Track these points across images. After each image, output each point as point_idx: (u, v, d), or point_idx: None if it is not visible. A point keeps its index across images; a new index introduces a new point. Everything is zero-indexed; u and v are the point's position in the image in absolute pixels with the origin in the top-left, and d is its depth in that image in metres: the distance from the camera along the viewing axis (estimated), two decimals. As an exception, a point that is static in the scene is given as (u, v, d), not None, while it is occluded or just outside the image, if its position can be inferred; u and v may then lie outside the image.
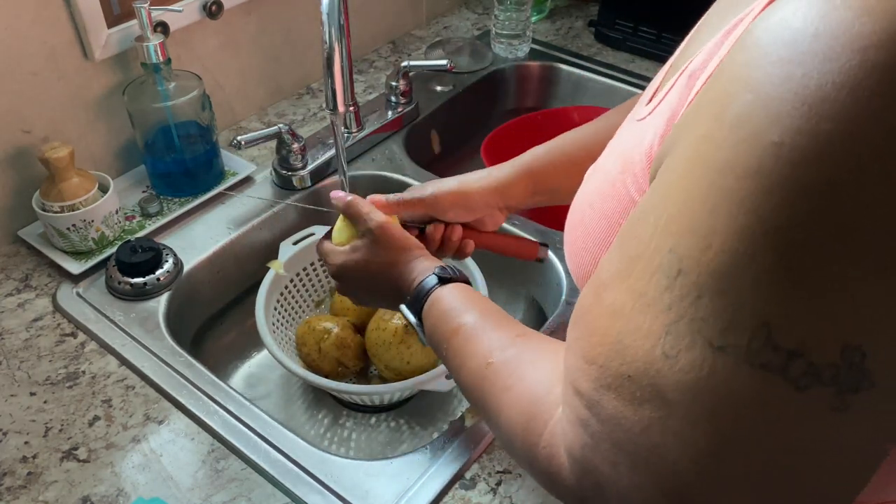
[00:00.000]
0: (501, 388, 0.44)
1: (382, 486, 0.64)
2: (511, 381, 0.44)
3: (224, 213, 0.93)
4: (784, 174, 0.26)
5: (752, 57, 0.28)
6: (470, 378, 0.48)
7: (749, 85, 0.28)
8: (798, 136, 0.25)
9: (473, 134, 1.18)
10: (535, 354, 0.45)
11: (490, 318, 0.52)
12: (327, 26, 0.70)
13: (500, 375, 0.45)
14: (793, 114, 0.26)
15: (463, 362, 0.49)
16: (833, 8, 0.26)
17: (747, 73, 0.28)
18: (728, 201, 0.27)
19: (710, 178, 0.28)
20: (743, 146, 0.27)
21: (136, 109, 0.88)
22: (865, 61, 0.24)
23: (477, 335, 0.50)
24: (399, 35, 1.33)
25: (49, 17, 0.81)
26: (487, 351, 0.47)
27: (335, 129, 0.80)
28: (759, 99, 0.27)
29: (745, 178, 0.27)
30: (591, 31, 1.33)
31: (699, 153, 0.29)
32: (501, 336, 0.48)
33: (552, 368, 0.42)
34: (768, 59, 0.27)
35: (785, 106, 0.26)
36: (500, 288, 0.96)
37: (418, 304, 0.57)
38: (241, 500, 0.62)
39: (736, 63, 0.29)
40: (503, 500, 0.63)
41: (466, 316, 0.52)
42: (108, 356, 0.75)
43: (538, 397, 0.40)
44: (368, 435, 0.84)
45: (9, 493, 0.63)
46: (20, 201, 0.86)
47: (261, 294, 0.81)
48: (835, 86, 0.25)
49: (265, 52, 1.08)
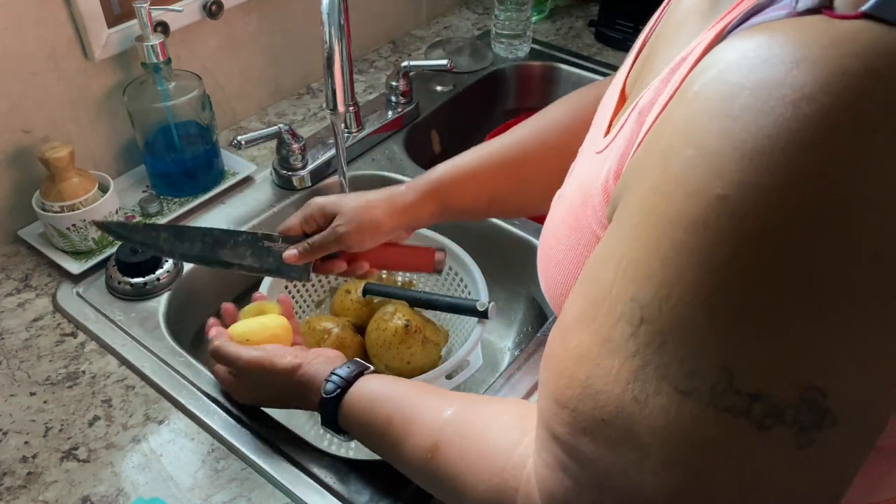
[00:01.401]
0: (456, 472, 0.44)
1: (382, 485, 0.64)
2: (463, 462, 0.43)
3: (224, 213, 0.93)
4: (730, 227, 0.27)
5: (692, 112, 0.29)
6: (420, 472, 0.48)
7: (690, 140, 0.28)
8: (740, 189, 0.26)
9: (473, 134, 1.18)
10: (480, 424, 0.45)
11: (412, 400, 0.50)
12: (327, 26, 0.70)
13: (450, 460, 0.44)
14: (734, 167, 0.26)
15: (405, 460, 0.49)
16: (763, 62, 0.26)
17: (688, 128, 0.29)
18: (679, 254, 0.28)
19: (661, 230, 0.29)
20: (689, 200, 0.28)
21: (136, 109, 0.88)
22: (798, 114, 0.25)
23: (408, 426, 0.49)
24: (399, 35, 1.33)
25: (49, 17, 0.81)
26: (427, 438, 0.47)
27: (335, 128, 0.80)
28: (701, 154, 0.28)
29: (694, 231, 0.28)
30: (592, 31, 1.33)
31: (650, 204, 0.30)
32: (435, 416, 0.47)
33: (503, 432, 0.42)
34: (707, 114, 0.28)
35: (726, 160, 0.27)
36: (500, 288, 0.96)
37: (333, 426, 0.56)
38: (241, 500, 0.62)
39: (678, 117, 0.30)
40: (503, 500, 0.63)
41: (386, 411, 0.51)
42: (108, 356, 0.75)
43: (500, 467, 0.40)
44: (368, 435, 0.84)
45: (9, 493, 0.63)
46: (20, 201, 0.86)
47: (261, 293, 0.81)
48: (771, 139, 0.26)
49: (265, 52, 1.08)
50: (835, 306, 0.26)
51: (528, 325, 0.97)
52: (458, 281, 0.87)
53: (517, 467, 0.40)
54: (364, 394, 0.54)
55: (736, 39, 0.28)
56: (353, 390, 0.55)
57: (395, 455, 0.50)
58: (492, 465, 0.41)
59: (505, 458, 0.41)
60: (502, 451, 0.41)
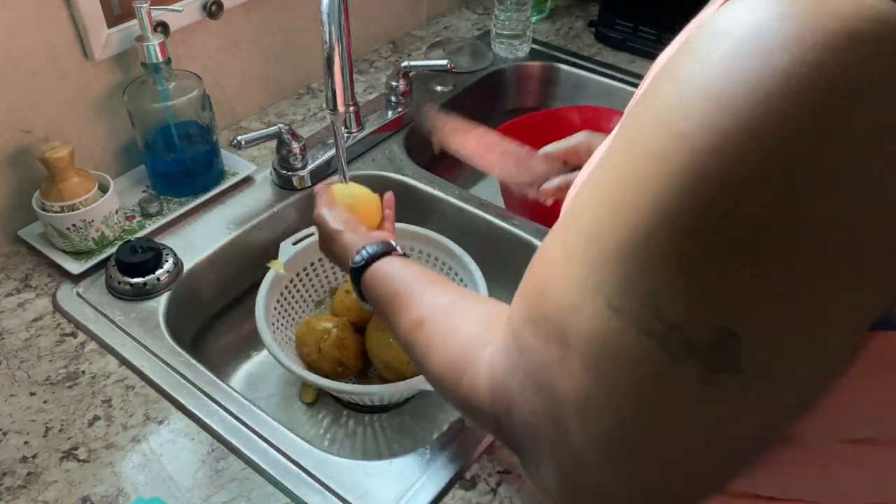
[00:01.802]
0: (431, 342, 0.50)
1: (382, 486, 0.64)
2: (438, 336, 0.49)
3: (224, 213, 0.93)
4: (684, 162, 0.28)
5: (681, 53, 0.30)
6: (404, 339, 0.54)
7: (673, 78, 0.30)
8: (701, 128, 0.27)
9: (473, 134, 1.17)
10: (463, 311, 0.50)
11: (419, 283, 0.57)
12: (327, 26, 0.70)
13: (430, 333, 0.50)
14: (701, 106, 0.27)
15: (397, 327, 0.55)
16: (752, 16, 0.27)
17: (676, 66, 0.30)
18: (636, 180, 0.30)
19: (628, 157, 0.31)
20: (656, 132, 0.29)
21: (136, 109, 0.88)
22: (769, 63, 0.26)
23: (407, 303, 0.55)
24: (399, 35, 1.33)
25: (49, 17, 0.81)
26: (418, 313, 0.53)
27: (335, 129, 0.80)
28: (677, 92, 0.29)
29: (652, 161, 0.29)
30: (592, 32, 1.33)
31: (625, 132, 0.32)
32: (431, 298, 0.54)
33: (479, 321, 0.47)
34: (691, 57, 0.29)
35: (696, 100, 0.28)
36: (500, 288, 0.96)
37: (356, 280, 0.63)
38: (241, 500, 0.62)
39: (669, 62, 0.31)
40: (503, 500, 0.63)
41: (396, 286, 0.58)
42: (108, 356, 0.75)
43: (464, 344, 0.46)
44: (368, 435, 0.84)
45: (9, 493, 0.63)
46: (20, 201, 0.86)
47: (261, 294, 0.81)
48: (739, 85, 0.26)
49: (265, 52, 1.08)
50: (768, 261, 0.27)
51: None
52: (457, 281, 0.87)
53: (477, 346, 0.44)
54: (383, 271, 0.61)
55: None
56: (376, 265, 0.62)
57: (392, 324, 0.57)
58: (457, 344, 0.47)
59: (470, 340, 0.46)
60: (471, 334, 0.46)
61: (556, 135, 1.12)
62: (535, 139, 1.12)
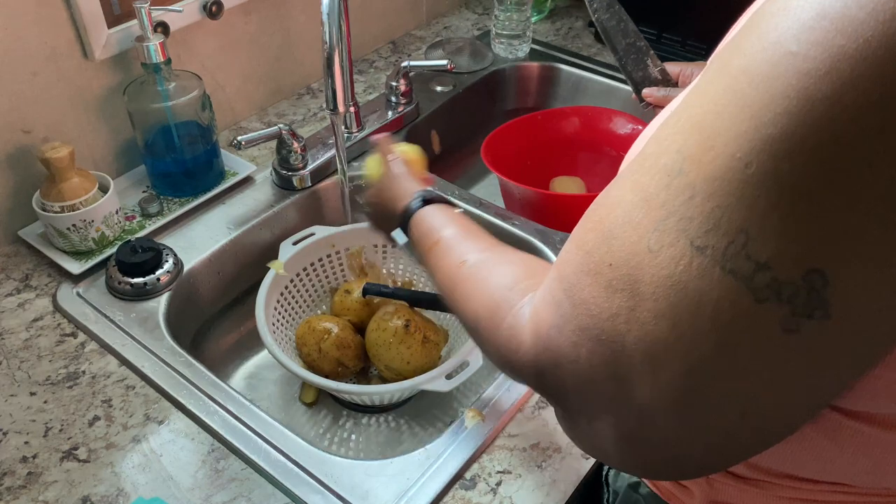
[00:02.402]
0: (471, 281, 0.49)
1: (382, 486, 0.64)
2: (480, 275, 0.48)
3: (224, 213, 0.93)
4: (791, 83, 0.26)
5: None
6: (445, 278, 0.53)
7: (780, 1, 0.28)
8: (812, 47, 0.25)
9: (473, 134, 1.18)
10: (505, 258, 0.50)
11: (468, 230, 0.56)
12: (327, 26, 0.70)
13: (471, 273, 0.50)
14: (813, 26, 0.26)
15: (439, 267, 0.54)
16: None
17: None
18: (735, 105, 0.28)
19: (725, 82, 0.29)
20: (762, 53, 0.27)
21: (136, 109, 0.88)
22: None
23: (454, 244, 0.55)
24: (399, 35, 1.33)
25: (49, 17, 0.81)
26: (462, 254, 0.52)
27: (335, 129, 0.80)
28: (786, 11, 0.27)
29: (756, 83, 0.27)
30: (591, 31, 1.33)
31: (724, 59, 0.30)
32: (476, 244, 0.53)
33: (521, 268, 0.46)
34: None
35: (807, 16, 0.26)
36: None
37: (405, 223, 0.63)
38: (241, 500, 0.63)
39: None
40: (503, 500, 0.63)
41: (446, 230, 0.57)
42: (108, 356, 0.75)
43: (505, 286, 0.44)
44: (368, 435, 0.84)
45: (9, 493, 0.63)
46: (20, 201, 0.86)
47: (261, 294, 0.81)
48: (857, 3, 0.25)
49: (265, 52, 1.08)
50: (871, 196, 0.25)
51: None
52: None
53: (518, 292, 0.42)
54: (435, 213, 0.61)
55: None
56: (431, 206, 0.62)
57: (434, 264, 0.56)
58: (500, 284, 0.45)
59: (512, 283, 0.44)
60: (512, 278, 0.45)
61: (556, 135, 1.12)
62: (535, 139, 1.12)
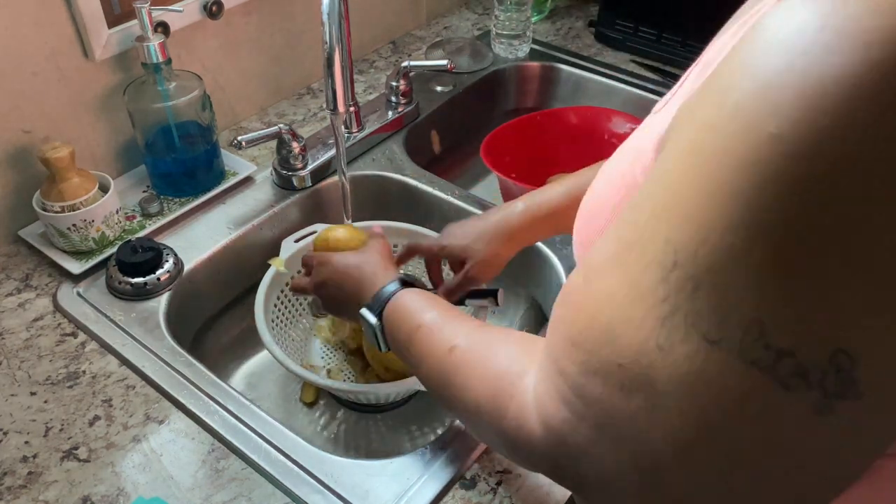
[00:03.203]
0: (466, 369, 0.46)
1: (382, 486, 0.64)
2: (474, 362, 0.45)
3: (224, 213, 0.93)
4: (780, 167, 0.25)
5: (757, 46, 0.28)
6: (434, 366, 0.49)
7: (750, 73, 0.27)
8: (796, 128, 0.25)
9: (473, 134, 1.18)
10: (497, 339, 0.46)
11: (451, 314, 0.53)
12: (327, 26, 0.70)
13: (463, 359, 0.46)
14: (793, 105, 0.25)
15: (425, 354, 0.51)
16: (842, 4, 0.25)
17: (751, 61, 0.27)
18: (723, 193, 0.27)
19: (706, 168, 0.28)
20: (740, 136, 0.27)
21: (136, 109, 0.88)
22: (868, 58, 0.24)
23: (439, 328, 0.51)
24: (399, 35, 1.33)
25: (49, 17, 0.81)
26: (450, 339, 0.49)
27: (335, 129, 0.80)
28: (759, 88, 0.26)
29: (741, 169, 0.26)
30: (592, 32, 1.33)
31: (698, 140, 0.29)
32: (463, 326, 0.50)
33: (516, 350, 0.43)
34: (772, 48, 0.27)
35: (785, 96, 0.25)
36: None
37: (379, 306, 0.59)
38: (241, 499, 0.63)
39: (742, 51, 0.29)
40: (503, 500, 0.63)
41: (428, 314, 0.54)
42: (109, 356, 0.75)
43: (503, 372, 0.42)
44: (368, 435, 0.84)
45: (9, 492, 0.63)
46: (20, 201, 0.86)
47: (260, 292, 0.81)
48: (835, 80, 0.24)
49: (265, 52, 1.08)
50: (883, 270, 0.25)
51: (528, 325, 0.97)
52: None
53: (519, 375, 0.40)
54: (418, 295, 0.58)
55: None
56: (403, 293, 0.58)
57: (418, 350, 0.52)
58: (497, 369, 0.43)
59: (507, 366, 0.42)
60: (510, 360, 0.43)
61: (556, 135, 1.12)
62: (535, 139, 1.12)
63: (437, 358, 0.49)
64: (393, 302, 0.58)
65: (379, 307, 0.58)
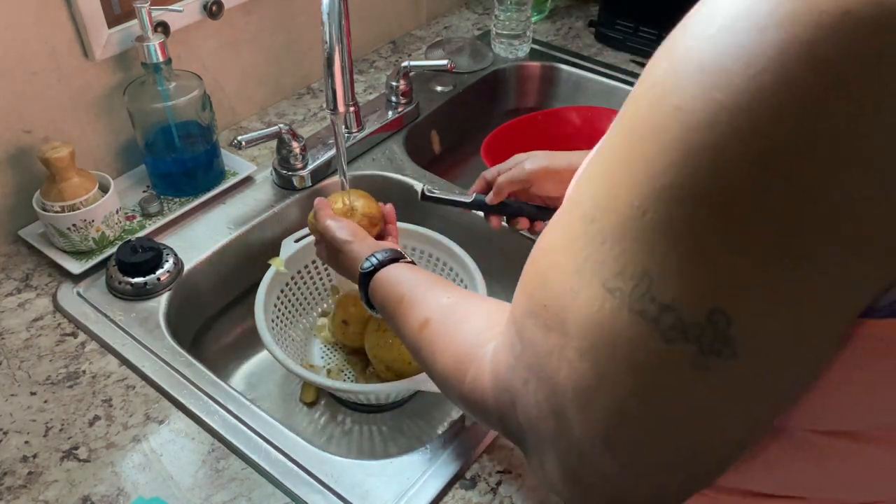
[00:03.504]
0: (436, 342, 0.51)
1: (382, 486, 0.64)
2: (443, 335, 0.50)
3: (224, 213, 0.93)
4: (677, 136, 0.27)
5: (678, 31, 0.30)
6: (411, 341, 0.55)
7: (668, 54, 0.30)
8: (693, 101, 0.27)
9: (473, 134, 1.18)
10: (467, 311, 0.51)
11: (423, 287, 0.58)
12: (327, 26, 0.70)
13: (434, 333, 0.51)
14: (692, 80, 0.27)
15: (404, 330, 0.56)
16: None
17: (671, 44, 0.30)
18: (632, 157, 0.30)
19: (625, 135, 0.31)
20: (651, 108, 0.29)
21: (136, 109, 0.88)
22: (763, 39, 0.26)
23: (414, 302, 0.56)
24: (399, 35, 1.33)
25: (49, 17, 0.81)
26: (423, 314, 0.54)
27: (335, 129, 0.80)
28: (672, 66, 0.29)
29: (647, 137, 0.29)
30: (592, 32, 1.33)
31: (625, 112, 0.32)
32: (435, 300, 0.55)
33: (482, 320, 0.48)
34: (687, 31, 0.29)
35: (688, 73, 0.28)
36: (500, 288, 0.96)
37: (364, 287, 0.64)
38: (241, 499, 0.63)
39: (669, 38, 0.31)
40: (503, 500, 0.63)
41: (403, 287, 0.59)
42: (109, 356, 0.75)
43: (467, 343, 0.46)
44: (368, 435, 0.84)
45: (9, 492, 0.63)
46: (20, 201, 0.86)
47: (260, 292, 0.81)
48: (730, 57, 0.26)
49: (265, 52, 1.08)
50: (758, 238, 0.26)
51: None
52: (457, 281, 0.87)
53: (480, 345, 0.44)
54: (390, 276, 0.62)
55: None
56: (384, 271, 0.63)
57: (399, 326, 0.58)
58: (463, 341, 0.47)
59: (474, 338, 0.46)
60: (474, 332, 0.47)
61: (556, 135, 1.12)
62: (535, 139, 1.12)
63: (413, 333, 0.54)
64: (373, 282, 0.63)
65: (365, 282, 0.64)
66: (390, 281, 0.61)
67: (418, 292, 0.57)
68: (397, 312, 0.58)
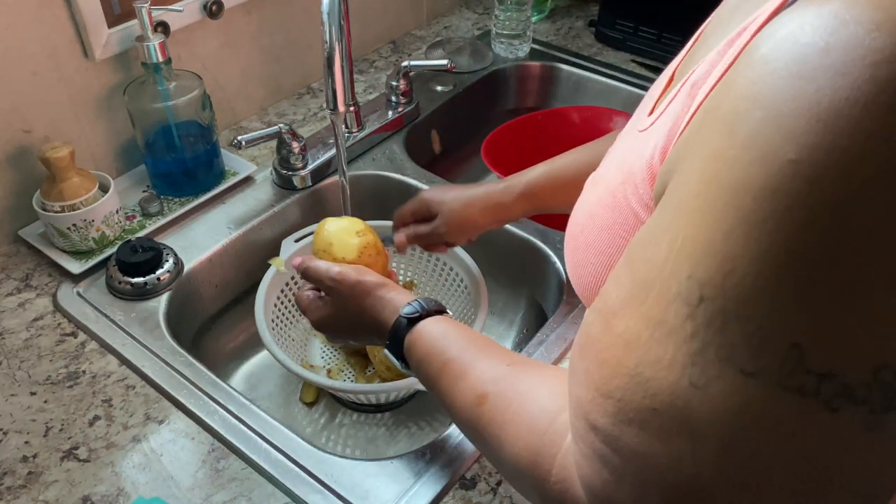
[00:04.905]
0: (500, 423, 0.43)
1: (382, 486, 0.64)
2: (508, 415, 0.43)
3: (224, 213, 0.93)
4: (803, 192, 0.25)
5: (761, 73, 0.28)
6: (465, 416, 0.47)
7: (759, 102, 0.27)
8: (814, 153, 0.25)
9: (473, 134, 1.18)
10: (530, 383, 0.44)
11: (475, 349, 0.50)
12: (328, 26, 0.70)
13: (496, 410, 0.44)
14: (807, 130, 0.25)
15: (454, 401, 0.48)
16: (842, 23, 0.26)
17: (757, 90, 0.28)
18: (747, 223, 0.27)
19: (725, 199, 0.28)
20: (757, 165, 0.27)
21: (136, 109, 0.88)
22: (877, 77, 0.24)
23: (464, 370, 0.49)
24: (399, 35, 1.33)
25: (49, 17, 0.81)
26: (479, 386, 0.46)
27: (336, 128, 0.80)
28: (771, 116, 0.27)
29: (763, 198, 0.26)
30: (592, 31, 1.33)
31: (711, 172, 0.29)
32: (491, 368, 0.47)
33: (551, 396, 0.41)
34: (778, 75, 0.27)
35: (799, 123, 0.26)
36: (500, 288, 0.96)
37: (398, 348, 0.56)
38: (241, 499, 0.63)
39: (744, 79, 0.29)
40: (503, 500, 0.63)
41: (449, 352, 0.51)
42: (109, 356, 0.75)
43: (542, 429, 0.40)
44: (368, 435, 0.84)
45: (9, 492, 0.63)
46: (21, 201, 0.86)
47: (260, 291, 0.81)
48: (848, 102, 0.25)
49: (265, 52, 1.08)
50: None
51: (528, 324, 0.97)
52: (458, 281, 0.87)
53: (558, 433, 0.38)
54: (435, 328, 0.54)
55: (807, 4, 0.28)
56: (428, 321, 0.55)
57: (444, 392, 0.50)
58: (534, 425, 0.40)
59: (548, 422, 0.40)
60: (547, 413, 0.40)
61: (556, 134, 1.12)
62: (535, 139, 1.12)
63: (468, 408, 0.46)
64: (409, 338, 0.55)
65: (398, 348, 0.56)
66: (433, 336, 0.53)
67: (468, 357, 0.50)
68: (443, 375, 0.50)
